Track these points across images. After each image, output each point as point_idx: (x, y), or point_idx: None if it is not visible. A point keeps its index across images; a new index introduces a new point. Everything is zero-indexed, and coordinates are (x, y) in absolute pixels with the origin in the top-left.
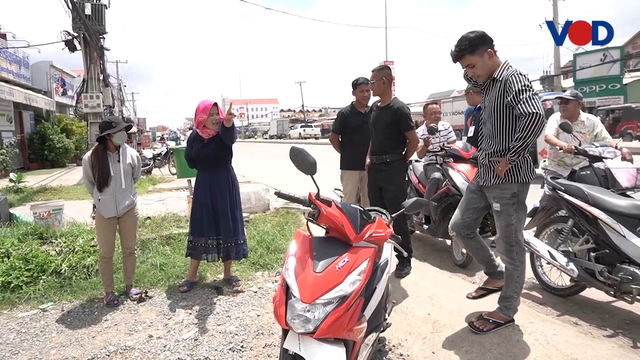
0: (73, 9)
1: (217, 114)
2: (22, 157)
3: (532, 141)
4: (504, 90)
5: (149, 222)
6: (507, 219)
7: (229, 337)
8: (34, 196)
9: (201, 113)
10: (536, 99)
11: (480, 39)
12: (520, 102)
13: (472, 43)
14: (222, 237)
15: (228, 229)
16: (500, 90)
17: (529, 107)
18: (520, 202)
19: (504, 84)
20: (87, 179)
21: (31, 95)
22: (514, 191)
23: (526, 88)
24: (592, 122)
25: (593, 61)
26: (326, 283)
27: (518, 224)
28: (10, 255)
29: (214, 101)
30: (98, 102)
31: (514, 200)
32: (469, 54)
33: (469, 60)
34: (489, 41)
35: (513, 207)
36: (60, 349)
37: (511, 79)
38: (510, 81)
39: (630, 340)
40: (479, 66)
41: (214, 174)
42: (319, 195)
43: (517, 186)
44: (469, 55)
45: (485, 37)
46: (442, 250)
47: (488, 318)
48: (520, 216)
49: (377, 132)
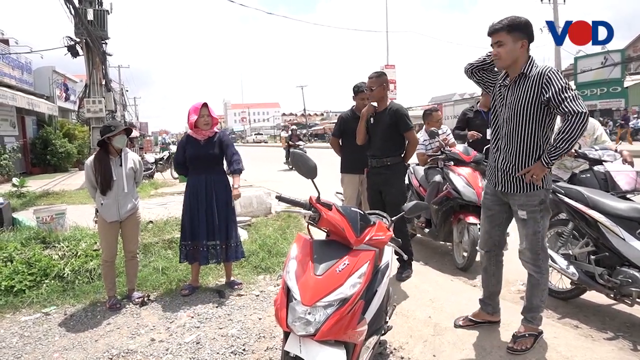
0: (75, 14)
1: (207, 115)
2: (25, 162)
3: (576, 142)
4: (540, 87)
5: (151, 226)
6: (535, 227)
7: (231, 340)
8: (36, 201)
9: (192, 114)
10: (580, 98)
11: (523, 25)
12: (567, 100)
13: (513, 24)
14: (221, 239)
15: (226, 231)
16: (533, 86)
17: (577, 105)
18: (546, 208)
19: (539, 80)
20: (89, 183)
21: (34, 101)
22: (542, 198)
23: (568, 86)
24: (592, 125)
25: (594, 64)
26: (327, 286)
27: (544, 231)
28: (13, 259)
29: (204, 102)
30: (100, 107)
31: (542, 207)
32: (505, 31)
33: (502, 37)
34: (530, 34)
35: (540, 214)
36: (63, 353)
37: (550, 75)
38: (550, 77)
39: (631, 343)
40: (507, 49)
41: (210, 175)
42: (320, 199)
43: (544, 192)
44: (505, 33)
45: (528, 27)
46: (443, 253)
47: (523, 334)
48: (546, 222)
49: (376, 136)
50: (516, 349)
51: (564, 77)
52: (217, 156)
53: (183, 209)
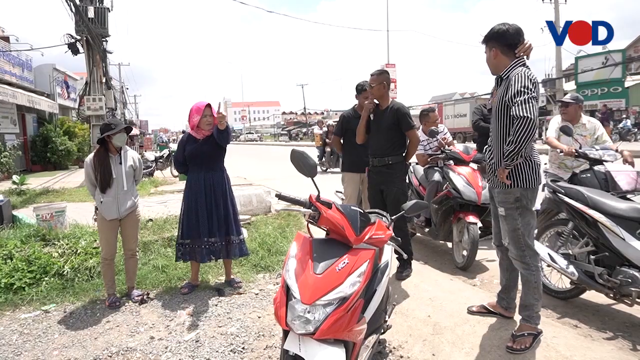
0: (76, 12)
1: (210, 115)
2: (25, 159)
3: (523, 146)
4: (507, 89)
5: (151, 224)
6: (513, 224)
7: (230, 338)
8: (36, 198)
9: (195, 114)
10: (532, 103)
11: (493, 34)
12: (517, 104)
13: (487, 36)
14: (221, 236)
15: (227, 227)
16: (505, 88)
17: (522, 110)
18: (523, 206)
19: (507, 82)
20: (89, 181)
21: (34, 98)
22: (517, 196)
23: (525, 90)
24: (593, 125)
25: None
26: (326, 284)
27: (525, 229)
28: (13, 257)
29: (207, 102)
30: (100, 105)
31: (518, 205)
32: (484, 43)
33: (485, 48)
34: (501, 39)
35: (517, 212)
36: (62, 350)
37: (514, 78)
38: (512, 80)
39: (630, 342)
40: (486, 57)
41: (209, 172)
42: (320, 198)
43: (519, 190)
44: (484, 44)
45: (497, 34)
46: (443, 252)
47: (522, 333)
48: (528, 220)
49: (377, 135)
50: (515, 348)
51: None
52: (216, 153)
53: (182, 207)
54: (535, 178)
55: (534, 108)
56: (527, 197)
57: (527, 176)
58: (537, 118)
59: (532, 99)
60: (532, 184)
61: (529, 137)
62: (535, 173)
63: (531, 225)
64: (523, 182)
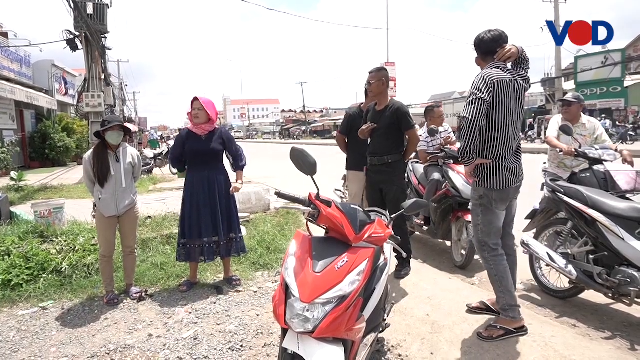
0: (75, 8)
1: (198, 109)
2: (23, 155)
3: (468, 145)
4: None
5: (150, 222)
6: (475, 219)
7: (229, 336)
8: (34, 195)
9: (189, 108)
10: (476, 105)
11: (474, 42)
12: (465, 105)
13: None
14: (222, 234)
15: (227, 226)
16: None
17: (465, 111)
18: (485, 205)
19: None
20: (87, 177)
21: (33, 94)
22: (480, 194)
23: (474, 91)
24: (593, 124)
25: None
26: (325, 283)
27: (485, 227)
28: (11, 253)
29: (194, 96)
30: (99, 102)
31: (481, 202)
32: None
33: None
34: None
35: (480, 209)
36: (60, 347)
37: (474, 80)
38: (472, 82)
39: (628, 342)
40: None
41: (212, 171)
42: (319, 196)
43: (482, 190)
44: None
45: (475, 42)
46: (442, 251)
47: (495, 325)
48: (489, 219)
49: (377, 134)
50: (483, 335)
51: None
52: (219, 152)
53: (182, 206)
54: (499, 181)
55: (476, 110)
56: (490, 198)
57: (491, 178)
58: (478, 119)
59: (477, 101)
60: (495, 185)
61: (471, 136)
62: (500, 176)
63: (492, 225)
64: (486, 182)
